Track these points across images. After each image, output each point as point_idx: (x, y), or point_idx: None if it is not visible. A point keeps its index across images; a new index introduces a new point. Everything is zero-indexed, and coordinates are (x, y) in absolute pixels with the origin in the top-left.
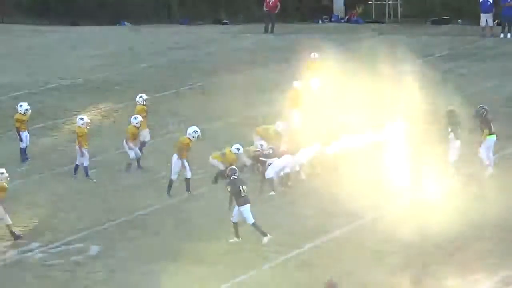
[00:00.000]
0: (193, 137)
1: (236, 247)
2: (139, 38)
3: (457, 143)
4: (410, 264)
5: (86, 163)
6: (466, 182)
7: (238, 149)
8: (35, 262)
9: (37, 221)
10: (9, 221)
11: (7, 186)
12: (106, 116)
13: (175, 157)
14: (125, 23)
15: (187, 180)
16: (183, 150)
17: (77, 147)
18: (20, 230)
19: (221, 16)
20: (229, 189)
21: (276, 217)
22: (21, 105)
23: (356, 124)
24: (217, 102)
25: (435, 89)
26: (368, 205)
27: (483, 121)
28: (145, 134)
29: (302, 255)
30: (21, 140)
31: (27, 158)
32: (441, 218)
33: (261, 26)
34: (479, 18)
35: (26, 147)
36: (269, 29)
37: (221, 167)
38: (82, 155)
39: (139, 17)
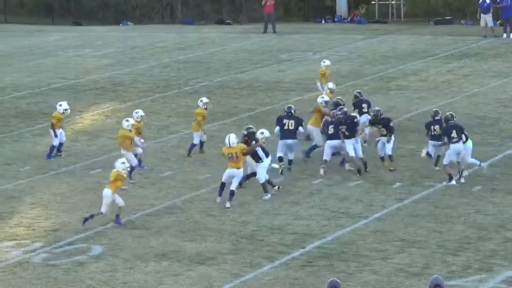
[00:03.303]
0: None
1: (239, 247)
2: (142, 38)
3: (453, 147)
4: (413, 265)
5: (133, 163)
6: (468, 182)
7: (262, 133)
8: (38, 262)
9: (40, 221)
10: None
11: (125, 176)
12: (109, 116)
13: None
14: (128, 23)
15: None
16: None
17: (123, 152)
18: (23, 231)
19: (224, 16)
20: None
21: (279, 217)
22: (60, 104)
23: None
24: (220, 102)
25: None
26: (371, 205)
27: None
28: (202, 134)
29: (305, 255)
30: (55, 136)
31: (57, 155)
32: (443, 218)
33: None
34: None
35: (60, 144)
36: (268, 29)
37: None
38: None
39: (142, 17)
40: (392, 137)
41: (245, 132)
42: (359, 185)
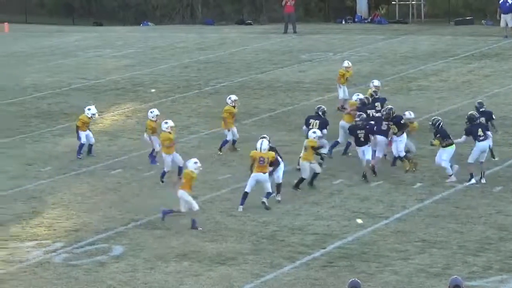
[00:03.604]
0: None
1: (260, 247)
2: (162, 39)
3: (480, 145)
4: (434, 265)
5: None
6: (489, 182)
7: (314, 132)
8: (59, 262)
9: (61, 221)
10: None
11: (195, 176)
12: (129, 116)
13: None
14: (148, 23)
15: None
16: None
17: (163, 155)
18: (44, 231)
19: (244, 16)
20: None
21: (300, 217)
22: (89, 109)
23: None
24: (241, 102)
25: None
26: (391, 205)
27: (438, 132)
28: (234, 132)
29: (326, 255)
30: (79, 139)
31: (81, 153)
32: (464, 218)
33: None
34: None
35: (90, 144)
36: (288, 30)
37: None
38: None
39: (163, 18)
40: (404, 136)
41: None
42: (379, 185)
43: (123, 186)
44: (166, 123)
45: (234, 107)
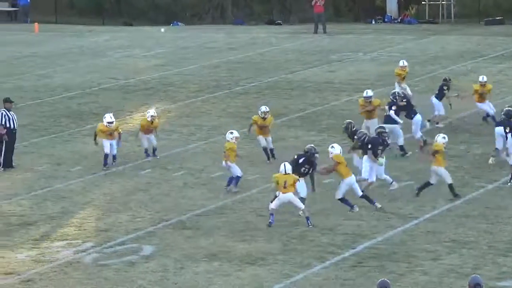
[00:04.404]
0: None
1: (289, 247)
2: (192, 39)
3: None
4: (464, 266)
5: (239, 173)
6: None
7: (444, 137)
8: (89, 262)
9: (91, 221)
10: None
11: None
12: (159, 116)
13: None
14: (178, 23)
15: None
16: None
17: (229, 163)
18: (74, 230)
19: (274, 16)
20: None
21: (330, 218)
22: (104, 117)
23: None
24: (271, 103)
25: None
26: (422, 205)
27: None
28: (269, 141)
29: (356, 255)
30: (95, 144)
31: (107, 164)
32: (494, 219)
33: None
34: None
35: (113, 156)
36: (318, 30)
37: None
38: (228, 168)
39: (193, 18)
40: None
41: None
42: (409, 185)
43: (152, 186)
44: (232, 133)
45: (263, 118)
